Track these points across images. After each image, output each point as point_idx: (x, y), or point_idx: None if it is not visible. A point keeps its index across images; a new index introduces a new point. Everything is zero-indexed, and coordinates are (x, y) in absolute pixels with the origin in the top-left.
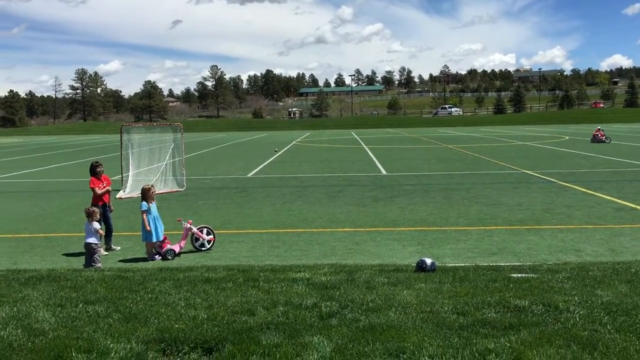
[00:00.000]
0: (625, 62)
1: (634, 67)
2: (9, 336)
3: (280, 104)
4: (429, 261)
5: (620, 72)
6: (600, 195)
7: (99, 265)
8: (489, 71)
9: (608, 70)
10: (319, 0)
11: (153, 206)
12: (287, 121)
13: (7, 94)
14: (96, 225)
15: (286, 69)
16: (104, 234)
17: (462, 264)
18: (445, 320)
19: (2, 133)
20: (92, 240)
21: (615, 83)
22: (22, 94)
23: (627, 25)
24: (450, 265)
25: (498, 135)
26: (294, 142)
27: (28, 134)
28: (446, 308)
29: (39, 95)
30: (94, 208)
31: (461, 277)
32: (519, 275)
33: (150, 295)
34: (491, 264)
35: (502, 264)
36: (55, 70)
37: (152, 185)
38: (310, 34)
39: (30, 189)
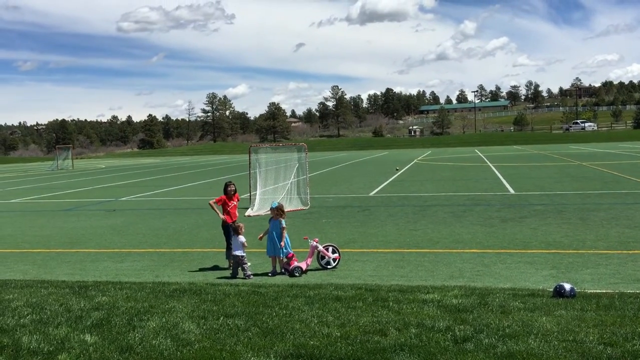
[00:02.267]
0: None
1: None
2: (159, 345)
3: (401, 122)
4: (568, 286)
5: None
6: None
7: (250, 273)
8: (626, 83)
9: None
10: (440, 17)
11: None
12: (407, 139)
13: (146, 118)
14: (242, 238)
15: (406, 87)
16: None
17: (604, 290)
18: (590, 351)
19: (142, 154)
20: (239, 252)
21: None
22: (160, 118)
23: None
24: (590, 291)
25: (638, 151)
26: (415, 160)
27: (165, 154)
28: (591, 337)
29: (174, 118)
30: (240, 223)
31: (606, 305)
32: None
33: (284, 311)
34: (638, 292)
35: None
36: (189, 95)
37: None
38: (431, 51)
39: (167, 206)
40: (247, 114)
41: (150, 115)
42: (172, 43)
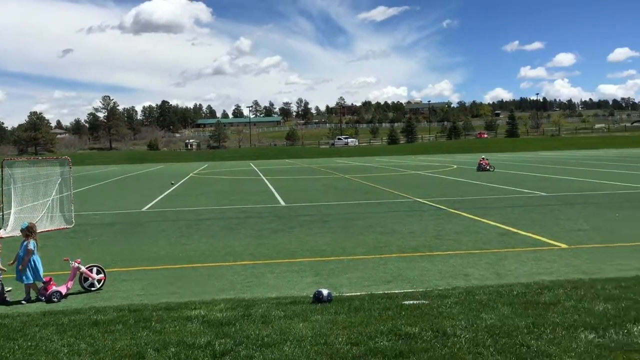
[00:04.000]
0: (505, 95)
1: (514, 99)
2: None
3: (177, 135)
4: (325, 292)
5: (501, 105)
6: (486, 221)
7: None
8: (382, 103)
9: (491, 102)
10: (216, 32)
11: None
12: (184, 153)
13: None
14: None
15: (183, 100)
16: None
17: (358, 293)
18: (338, 352)
19: None
20: None
21: (497, 115)
22: None
23: (506, 61)
24: (347, 294)
25: (392, 164)
26: (191, 174)
27: None
28: (340, 339)
29: None
30: None
31: (356, 307)
32: (411, 302)
33: (29, 343)
34: (386, 292)
35: (396, 292)
36: None
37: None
38: (208, 65)
39: None
40: (3, 123)
41: None
42: None
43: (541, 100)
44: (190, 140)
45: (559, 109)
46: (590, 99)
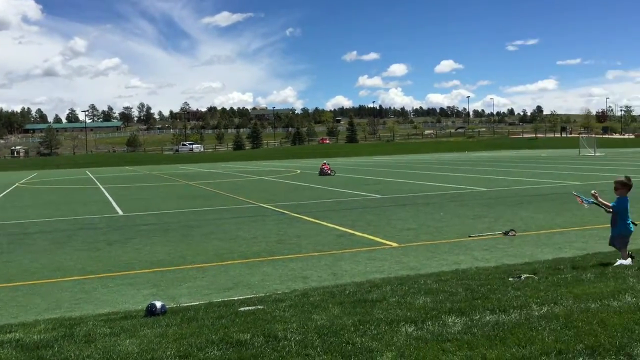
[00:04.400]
0: (345, 102)
1: (353, 107)
2: None
3: (2, 141)
4: (158, 304)
5: (342, 112)
6: (325, 223)
7: None
8: (228, 109)
9: (332, 109)
10: (46, 30)
11: None
12: (9, 160)
13: None
14: None
15: (9, 104)
16: None
17: (197, 303)
18: None
19: None
20: None
21: (339, 121)
22: None
23: (346, 70)
24: (185, 305)
25: (237, 170)
26: (17, 184)
27: None
28: (169, 352)
29: None
30: None
31: (190, 318)
32: (247, 308)
33: None
34: (225, 300)
35: (236, 298)
36: None
37: None
38: (37, 66)
39: None
40: None
41: None
42: None
43: (378, 107)
44: (17, 147)
45: (394, 116)
46: (420, 107)
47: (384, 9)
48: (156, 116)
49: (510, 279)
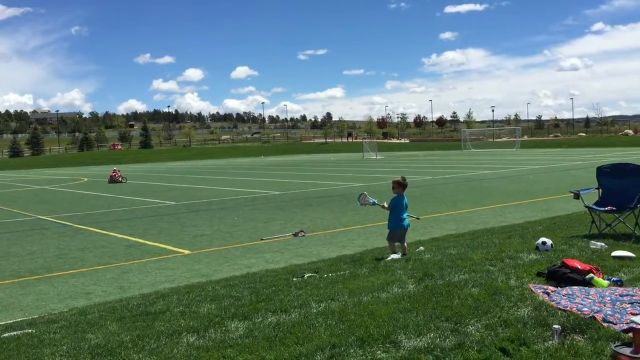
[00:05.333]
0: (139, 106)
1: (148, 111)
2: None
3: None
4: None
5: (135, 116)
6: (114, 234)
7: None
8: (3, 112)
9: (125, 113)
10: None
11: None
12: None
13: None
14: None
15: None
16: None
17: None
18: None
19: None
20: None
21: (132, 126)
22: None
23: (139, 73)
24: None
25: (13, 180)
26: None
27: None
28: None
29: None
30: None
31: None
32: (12, 333)
33: None
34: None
35: (2, 323)
36: None
37: None
38: None
39: None
40: None
41: None
42: None
43: (174, 112)
44: None
45: (190, 121)
46: (217, 112)
47: (177, 11)
48: None
49: (294, 279)
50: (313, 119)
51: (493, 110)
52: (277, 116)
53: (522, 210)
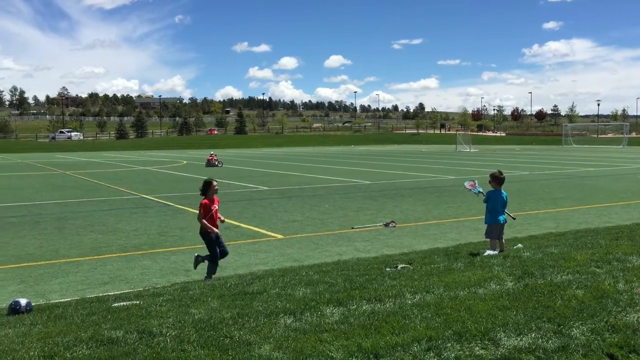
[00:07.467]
0: (235, 93)
1: (243, 98)
2: None
3: None
4: (24, 302)
5: (231, 102)
6: None
7: None
8: (111, 96)
9: (221, 100)
10: None
11: None
12: None
13: None
14: None
15: None
16: None
17: (69, 299)
18: None
19: None
20: None
21: (228, 112)
22: None
23: (236, 60)
24: (55, 301)
25: (120, 160)
26: None
27: None
28: (32, 353)
29: None
30: None
31: (57, 315)
32: (121, 303)
33: None
34: (99, 295)
35: (112, 294)
36: None
37: None
38: None
39: None
40: None
41: None
42: None
43: (267, 99)
44: None
45: (283, 109)
46: (310, 100)
47: (274, 1)
48: (31, 101)
49: (387, 269)
50: (405, 109)
51: (599, 105)
52: (369, 105)
53: (629, 211)
